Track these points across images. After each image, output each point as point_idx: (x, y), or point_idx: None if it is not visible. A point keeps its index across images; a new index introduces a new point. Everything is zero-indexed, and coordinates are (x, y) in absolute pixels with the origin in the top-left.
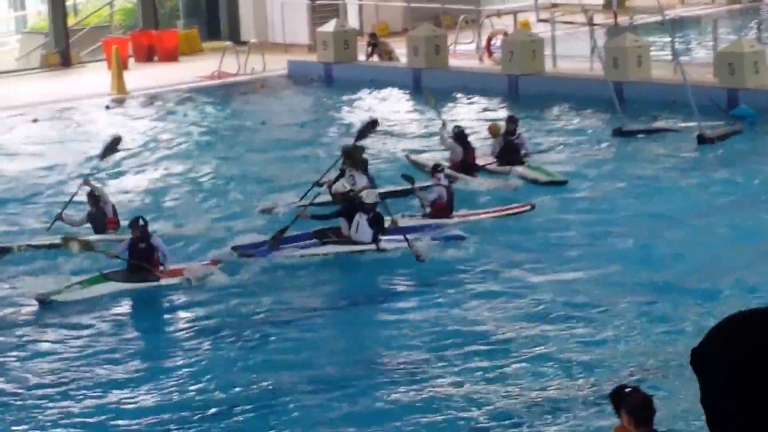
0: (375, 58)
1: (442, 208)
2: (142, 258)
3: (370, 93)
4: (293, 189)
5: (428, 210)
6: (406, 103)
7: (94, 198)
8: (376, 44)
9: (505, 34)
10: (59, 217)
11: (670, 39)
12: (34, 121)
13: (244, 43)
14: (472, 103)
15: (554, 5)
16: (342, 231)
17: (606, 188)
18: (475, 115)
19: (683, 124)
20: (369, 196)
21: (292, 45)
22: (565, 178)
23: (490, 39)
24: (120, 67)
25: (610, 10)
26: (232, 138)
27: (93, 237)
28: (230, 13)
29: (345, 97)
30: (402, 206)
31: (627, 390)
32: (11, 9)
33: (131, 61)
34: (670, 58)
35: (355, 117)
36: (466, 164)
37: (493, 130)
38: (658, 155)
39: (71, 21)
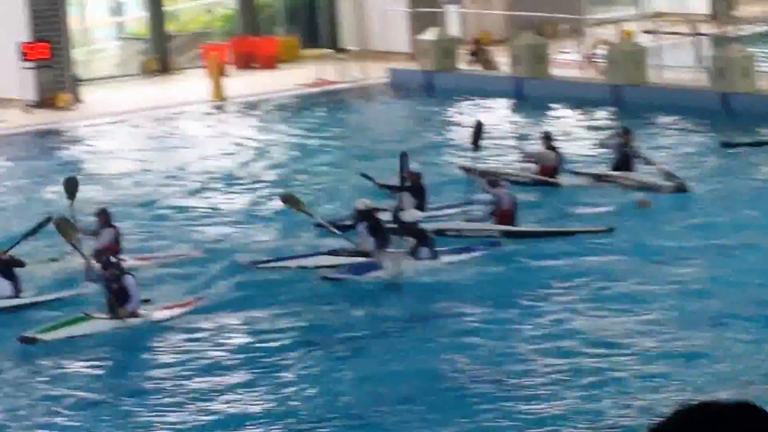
0: (477, 67)
1: (506, 215)
2: (117, 296)
3: (471, 102)
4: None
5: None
6: (507, 112)
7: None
8: (477, 52)
9: (609, 43)
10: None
11: None
12: (133, 126)
13: (344, 50)
14: (574, 113)
15: (658, 15)
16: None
17: (719, 200)
18: (577, 125)
19: None
20: (407, 216)
21: (392, 53)
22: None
23: (594, 47)
24: (219, 73)
25: (715, 19)
26: (331, 146)
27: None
28: (330, 21)
29: (445, 106)
30: None
31: None
32: (111, 15)
33: (230, 67)
34: None
35: (455, 126)
36: (556, 170)
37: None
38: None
39: (170, 27)
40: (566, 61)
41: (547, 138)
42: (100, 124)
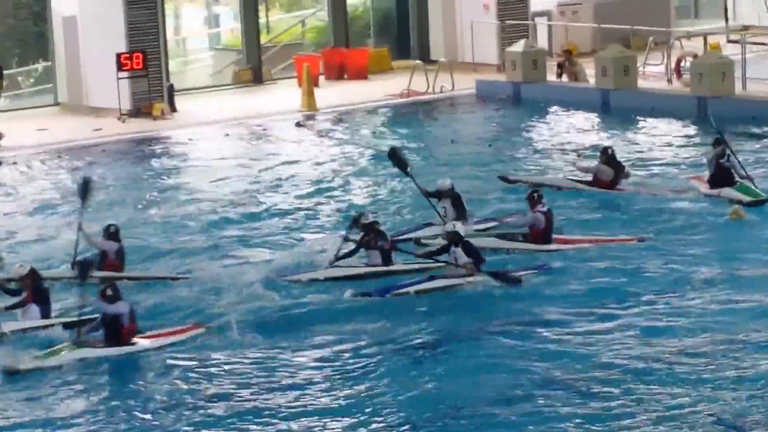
0: (564, 78)
1: (540, 235)
2: (112, 326)
3: (558, 113)
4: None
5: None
6: (593, 123)
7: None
8: (564, 63)
9: (695, 55)
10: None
11: None
12: (226, 135)
13: (434, 62)
14: (659, 124)
15: (745, 27)
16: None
17: None
18: (662, 136)
19: None
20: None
21: (481, 64)
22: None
23: (679, 61)
24: (311, 84)
25: None
26: (420, 155)
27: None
28: (420, 33)
29: (533, 117)
30: None
31: None
32: (206, 26)
33: (322, 78)
34: None
35: (542, 137)
36: (615, 183)
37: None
38: None
39: (263, 38)
40: (653, 73)
41: (605, 153)
42: (194, 133)
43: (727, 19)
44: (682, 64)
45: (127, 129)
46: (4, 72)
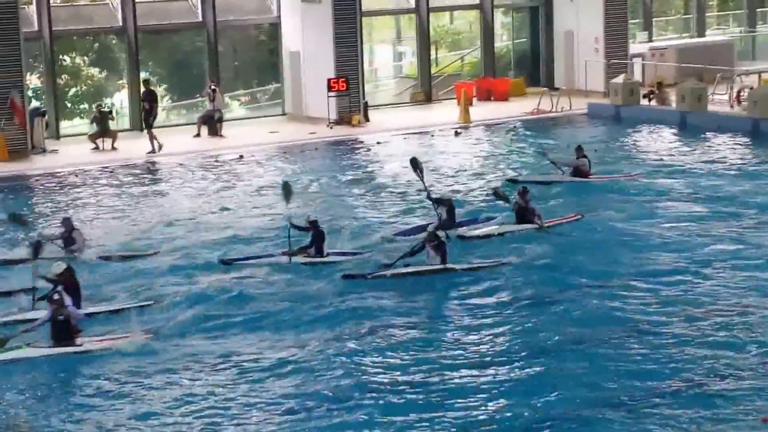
0: (654, 102)
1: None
2: (61, 329)
3: (647, 129)
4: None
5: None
6: (673, 137)
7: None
8: (653, 92)
9: (751, 88)
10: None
11: None
12: (405, 138)
13: (557, 89)
14: (724, 138)
15: None
16: None
17: None
18: (724, 147)
19: None
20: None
21: (591, 91)
22: None
23: (739, 91)
24: (466, 103)
25: None
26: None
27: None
28: (548, 67)
29: (629, 131)
30: None
31: None
32: (392, 60)
33: (474, 99)
34: None
35: (636, 145)
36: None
37: None
38: None
39: (433, 70)
40: (719, 100)
41: (580, 149)
42: (382, 137)
43: None
44: (741, 94)
45: (334, 133)
46: (248, 90)
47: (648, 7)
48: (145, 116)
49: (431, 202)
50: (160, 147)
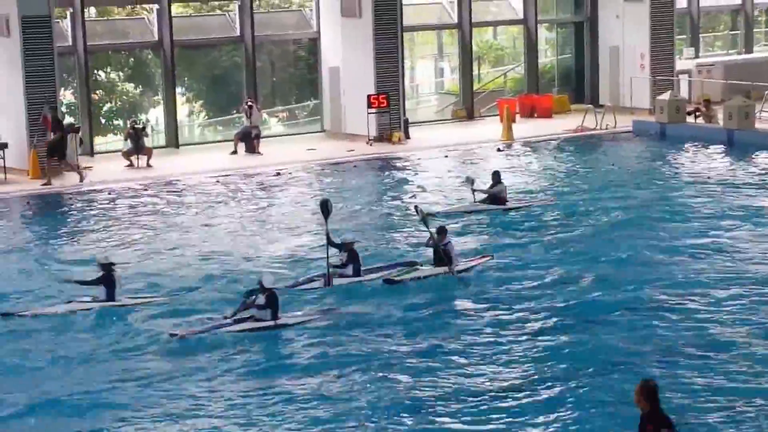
0: (700, 120)
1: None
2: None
3: (693, 147)
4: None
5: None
6: (721, 156)
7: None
8: (699, 109)
9: None
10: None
11: None
12: (445, 156)
13: (602, 106)
14: None
15: None
16: None
17: None
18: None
19: None
20: None
21: (637, 108)
22: None
23: None
24: (509, 120)
25: None
26: (588, 175)
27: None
28: (592, 83)
29: (674, 149)
30: None
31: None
32: (433, 76)
33: (517, 116)
34: None
35: (681, 165)
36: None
37: None
38: None
39: (475, 86)
40: (767, 118)
41: (496, 175)
42: (423, 154)
43: None
44: None
45: (373, 150)
46: (286, 106)
47: (695, 22)
48: (59, 148)
49: (332, 246)
50: (83, 177)
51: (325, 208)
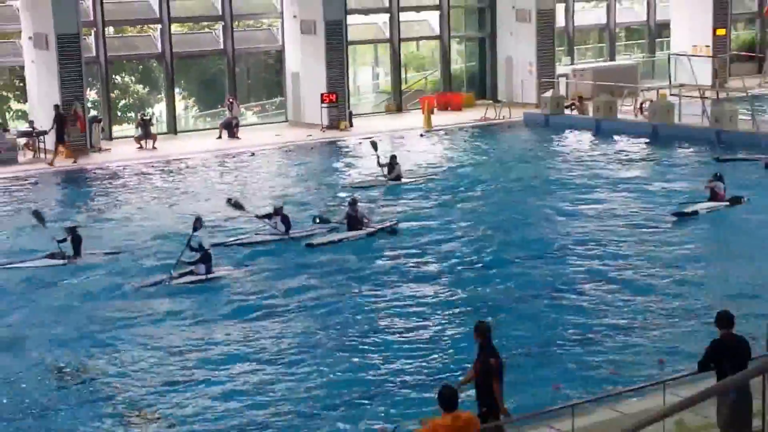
0: (575, 112)
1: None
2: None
3: (570, 133)
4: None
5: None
6: (590, 140)
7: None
8: (574, 103)
9: (651, 100)
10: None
11: (750, 106)
12: (379, 141)
13: (500, 101)
14: (628, 141)
15: (682, 85)
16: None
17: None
18: (626, 149)
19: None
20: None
21: (527, 103)
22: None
23: (642, 103)
24: (429, 113)
25: (714, 88)
26: (489, 158)
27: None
28: (492, 84)
29: (555, 134)
30: None
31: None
32: (371, 79)
33: (435, 109)
34: (749, 117)
35: (558, 144)
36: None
37: None
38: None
39: (403, 86)
40: (626, 110)
41: (394, 158)
42: (362, 138)
43: (670, 80)
44: (644, 105)
45: (325, 136)
46: (258, 102)
47: (571, 37)
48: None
49: (262, 218)
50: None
51: (39, 216)
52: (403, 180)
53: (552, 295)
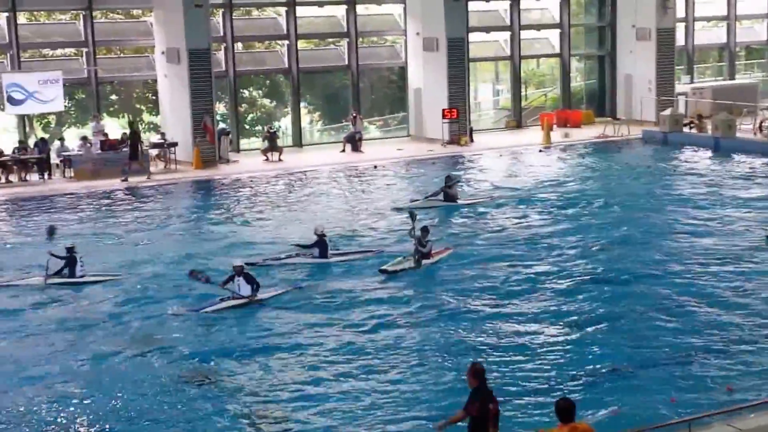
0: (694, 130)
1: None
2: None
3: (689, 150)
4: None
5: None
6: (709, 158)
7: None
8: (693, 121)
9: None
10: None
11: None
12: (500, 156)
13: (619, 118)
14: (748, 158)
15: None
16: None
17: None
18: (744, 164)
19: None
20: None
21: (645, 121)
22: None
23: (761, 122)
24: (548, 129)
25: None
26: (607, 174)
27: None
28: (611, 101)
29: (675, 152)
30: None
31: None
32: (492, 95)
33: (555, 126)
34: None
35: (680, 161)
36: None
37: None
38: None
39: (523, 103)
40: (746, 128)
41: (449, 178)
42: (484, 153)
43: None
44: (763, 124)
45: (446, 151)
46: (381, 117)
47: (690, 56)
48: (133, 151)
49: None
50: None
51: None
52: (459, 201)
53: (673, 310)
